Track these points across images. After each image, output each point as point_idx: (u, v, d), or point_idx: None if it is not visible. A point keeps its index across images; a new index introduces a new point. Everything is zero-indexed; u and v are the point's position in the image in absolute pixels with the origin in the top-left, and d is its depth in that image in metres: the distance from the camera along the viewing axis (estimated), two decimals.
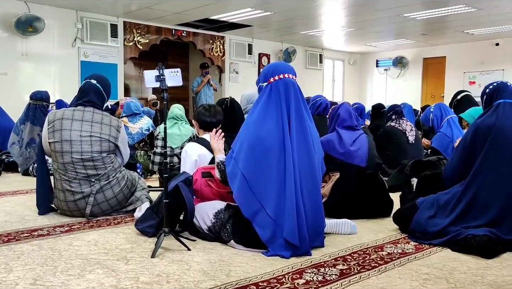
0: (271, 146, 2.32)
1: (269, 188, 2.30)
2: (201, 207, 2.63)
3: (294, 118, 2.38)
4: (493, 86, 2.77)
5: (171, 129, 4.78)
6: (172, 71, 2.47)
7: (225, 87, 9.99)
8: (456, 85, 9.59)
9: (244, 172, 2.31)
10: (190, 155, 3.09)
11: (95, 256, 2.30)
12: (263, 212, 2.30)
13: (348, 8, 7.43)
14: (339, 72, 12.79)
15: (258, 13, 7.76)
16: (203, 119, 3.19)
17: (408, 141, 4.98)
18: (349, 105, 3.51)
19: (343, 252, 2.42)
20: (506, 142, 2.54)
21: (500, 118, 2.59)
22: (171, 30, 8.99)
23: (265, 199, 2.30)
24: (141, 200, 3.22)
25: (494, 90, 2.74)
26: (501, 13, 7.64)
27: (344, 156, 3.19)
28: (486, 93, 2.79)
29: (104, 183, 3.06)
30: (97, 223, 2.97)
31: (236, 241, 2.42)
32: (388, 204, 3.24)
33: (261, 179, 2.31)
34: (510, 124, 2.58)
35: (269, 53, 10.69)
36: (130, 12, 7.85)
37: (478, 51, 10.51)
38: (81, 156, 3.01)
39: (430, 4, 7.15)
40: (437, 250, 2.46)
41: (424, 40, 10.61)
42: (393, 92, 12.10)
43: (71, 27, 7.74)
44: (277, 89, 2.41)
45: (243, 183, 2.32)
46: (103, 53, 8.10)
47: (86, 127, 3.04)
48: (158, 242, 2.32)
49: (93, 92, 3.13)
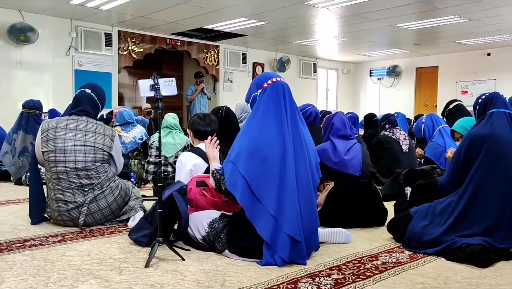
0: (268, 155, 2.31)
1: (270, 190, 2.30)
2: (196, 216, 2.62)
3: (290, 122, 2.40)
4: (485, 96, 2.80)
5: (165, 138, 4.77)
6: (167, 81, 2.48)
7: (219, 96, 10.00)
8: (449, 95, 9.68)
9: (245, 175, 2.30)
10: (185, 164, 3.08)
11: (88, 266, 2.28)
12: (265, 212, 2.28)
13: (341, 18, 7.50)
14: (333, 81, 12.86)
15: (252, 22, 7.81)
16: (198, 128, 3.19)
17: (402, 150, 5.00)
18: (343, 114, 3.53)
19: (338, 261, 2.41)
20: (500, 151, 2.56)
21: (494, 128, 2.61)
22: (165, 39, 9.02)
23: (266, 199, 2.29)
24: (135, 209, 3.20)
25: (487, 100, 2.76)
26: (492, 23, 7.74)
27: (338, 165, 3.19)
28: (479, 103, 2.81)
29: (97, 192, 3.05)
30: (91, 233, 2.95)
31: (230, 250, 2.41)
32: (382, 213, 3.25)
33: (261, 181, 2.30)
34: (504, 133, 2.60)
35: (263, 62, 10.73)
36: (125, 21, 7.86)
37: (470, 61, 10.63)
38: (74, 165, 2.99)
39: (422, 15, 7.24)
40: (432, 259, 2.46)
41: (417, 50, 10.72)
42: (387, 101, 12.17)
43: (65, 36, 7.73)
44: (274, 91, 2.43)
45: (245, 186, 2.30)
46: (97, 62, 8.10)
47: (80, 137, 3.03)
48: (152, 251, 2.31)
49: (87, 101, 3.12)
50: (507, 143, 2.57)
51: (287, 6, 6.70)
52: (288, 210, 2.29)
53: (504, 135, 2.59)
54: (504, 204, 2.50)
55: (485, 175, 2.55)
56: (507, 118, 2.66)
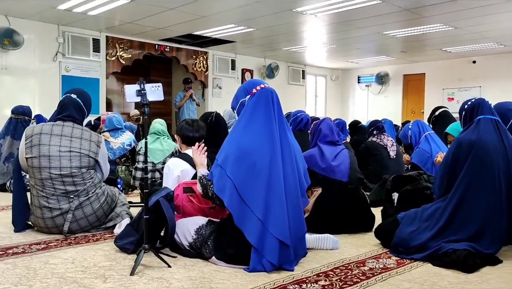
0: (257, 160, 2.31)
1: (257, 193, 2.29)
2: (182, 222, 2.59)
3: (278, 127, 2.41)
4: (471, 103, 2.81)
5: (153, 144, 4.74)
6: (153, 86, 2.46)
7: (208, 102, 9.99)
8: (436, 101, 9.79)
9: (233, 179, 2.29)
10: (172, 171, 3.06)
11: (72, 274, 2.24)
12: (253, 217, 2.27)
13: (329, 25, 7.55)
14: (321, 88, 12.93)
15: (241, 29, 7.83)
16: (186, 134, 3.18)
17: (389, 156, 5.03)
18: (330, 120, 3.54)
19: (325, 267, 2.41)
20: (487, 158, 2.57)
21: (482, 134, 2.63)
22: (154, 45, 8.99)
23: (254, 203, 2.28)
24: (121, 216, 3.16)
25: (474, 106, 2.78)
26: (477, 32, 7.87)
27: (326, 171, 3.20)
28: (465, 109, 2.82)
29: (83, 199, 3.01)
30: (75, 240, 2.91)
31: (217, 257, 2.39)
32: (369, 218, 3.26)
33: (249, 184, 2.29)
34: (491, 140, 2.62)
35: (252, 69, 10.75)
36: (113, 27, 7.83)
37: (456, 69, 10.77)
38: (59, 172, 2.95)
39: (409, 23, 7.32)
40: (418, 265, 2.47)
41: (404, 57, 10.84)
42: (375, 108, 12.27)
43: (52, 41, 7.66)
44: (262, 97, 2.44)
45: (233, 191, 2.29)
46: (85, 67, 8.04)
47: (65, 143, 2.99)
48: (137, 259, 2.28)
49: (73, 106, 3.08)
50: (494, 150, 2.59)
51: (276, 13, 6.73)
52: (276, 214, 2.29)
53: (491, 142, 2.61)
54: (490, 210, 2.52)
55: (472, 181, 2.56)
56: (493, 125, 2.69)
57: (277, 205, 2.30)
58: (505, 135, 2.68)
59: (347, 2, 6.14)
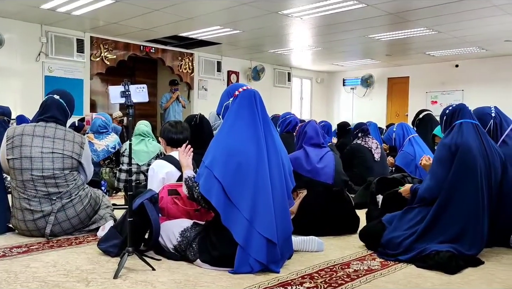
0: (243, 160, 2.31)
1: (244, 193, 2.29)
2: (167, 225, 2.57)
3: (263, 127, 2.41)
4: (453, 108, 2.86)
5: (138, 146, 4.70)
6: (138, 87, 2.44)
7: (194, 104, 9.95)
8: (419, 104, 9.90)
9: (220, 179, 2.28)
10: (157, 173, 3.03)
11: (53, 278, 2.20)
12: (240, 217, 2.27)
13: (314, 28, 7.59)
14: (307, 90, 12.99)
15: (227, 31, 7.82)
16: (170, 136, 3.16)
17: (374, 159, 5.07)
18: (316, 123, 3.56)
19: (310, 269, 2.41)
20: (471, 162, 2.61)
21: (465, 138, 2.66)
22: (139, 46, 8.92)
23: (241, 203, 2.28)
24: (105, 218, 3.12)
25: (455, 111, 2.82)
26: (459, 36, 7.99)
27: (311, 173, 3.21)
28: (446, 114, 2.86)
29: (66, 201, 2.96)
30: (58, 243, 2.86)
31: (202, 260, 2.37)
32: (354, 220, 3.28)
33: (236, 185, 2.29)
34: (474, 144, 2.66)
35: (238, 71, 10.75)
36: (97, 27, 7.74)
37: (439, 72, 10.92)
38: (41, 173, 2.90)
39: (393, 26, 7.40)
40: (402, 267, 2.49)
41: (389, 61, 10.95)
42: (360, 110, 12.37)
43: (35, 41, 7.54)
44: (245, 98, 2.45)
45: (220, 191, 2.28)
46: (68, 68, 7.93)
47: (48, 144, 2.94)
48: (121, 262, 2.25)
49: (55, 107, 3.04)
50: (477, 154, 2.63)
51: (262, 15, 6.74)
52: (263, 213, 2.29)
53: (475, 146, 2.65)
54: (471, 213, 2.56)
55: (457, 184, 2.59)
56: (474, 129, 2.73)
57: (264, 204, 2.31)
58: (485, 139, 2.73)
59: (333, 5, 6.19)
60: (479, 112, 3.05)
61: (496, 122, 3.02)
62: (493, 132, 2.99)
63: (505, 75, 9.93)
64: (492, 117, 3.04)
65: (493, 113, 3.06)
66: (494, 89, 9.96)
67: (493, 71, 10.09)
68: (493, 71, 10.08)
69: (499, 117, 3.04)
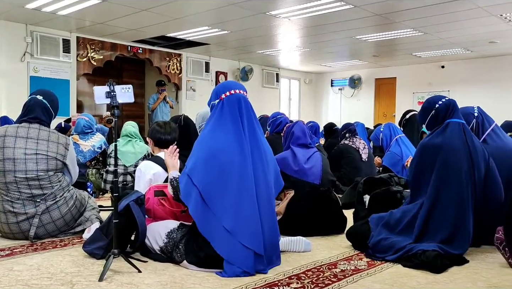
0: (226, 161, 2.30)
1: (226, 201, 2.26)
2: (153, 226, 2.55)
3: (248, 132, 2.39)
4: (444, 102, 2.80)
5: (125, 147, 4.67)
6: (124, 88, 2.42)
7: (182, 104, 9.90)
8: (406, 105, 10.00)
9: (199, 187, 2.26)
10: (144, 174, 3.01)
11: (37, 281, 2.17)
12: (220, 226, 2.25)
13: (302, 29, 7.62)
14: (295, 91, 13.02)
15: (215, 31, 7.80)
16: (158, 137, 3.14)
17: (361, 159, 5.10)
18: (303, 123, 3.56)
19: (297, 270, 2.41)
20: (453, 161, 2.62)
21: (447, 138, 2.67)
22: (126, 47, 8.86)
23: (221, 212, 2.25)
24: (90, 220, 3.09)
25: (448, 107, 2.77)
26: (444, 37, 8.08)
27: (298, 174, 3.21)
28: (436, 108, 2.80)
29: (50, 203, 2.92)
30: (42, 246, 2.82)
31: (189, 261, 2.35)
32: (341, 220, 3.28)
33: (216, 192, 2.27)
34: (455, 142, 2.67)
35: (226, 72, 10.73)
36: (84, 27, 7.67)
37: (426, 73, 11.03)
38: (25, 175, 2.86)
39: (380, 28, 7.46)
40: (389, 266, 2.50)
41: (376, 62, 11.03)
42: (348, 111, 12.44)
43: (20, 41, 7.44)
44: (229, 103, 2.41)
45: (198, 198, 2.27)
46: (54, 68, 7.84)
47: (32, 145, 2.90)
48: (106, 264, 2.22)
49: (39, 108, 2.99)
50: (458, 152, 2.64)
51: (250, 16, 6.74)
52: (247, 222, 2.26)
53: (456, 145, 2.66)
54: (458, 213, 2.58)
55: (441, 185, 2.61)
56: (460, 128, 2.75)
57: (248, 213, 2.27)
58: (470, 137, 2.74)
59: (320, 6, 6.21)
60: (463, 112, 3.07)
61: (478, 122, 3.06)
62: (475, 132, 3.02)
63: (490, 76, 10.07)
64: (475, 117, 3.08)
65: (476, 113, 3.10)
66: (480, 89, 10.10)
67: (478, 72, 10.23)
68: (478, 72, 10.22)
69: (481, 117, 3.08)
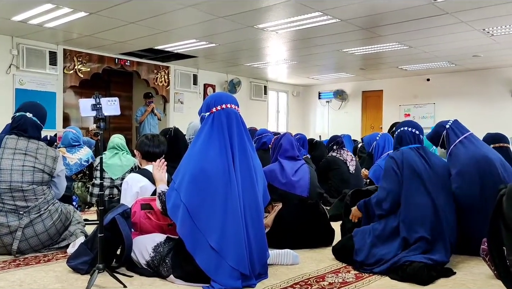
0: (214, 177, 2.28)
1: (213, 219, 2.25)
2: (140, 240, 2.52)
3: (237, 149, 2.37)
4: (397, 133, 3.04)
5: (112, 160, 4.62)
6: (110, 100, 2.40)
7: (170, 117, 9.87)
8: (393, 117, 10.11)
9: (186, 203, 2.25)
10: (131, 186, 2.98)
11: None
12: (206, 244, 2.23)
13: (290, 42, 7.68)
14: (283, 103, 13.09)
15: (202, 44, 7.83)
16: (146, 150, 3.10)
17: (349, 171, 5.12)
18: (291, 135, 3.57)
19: (285, 283, 2.39)
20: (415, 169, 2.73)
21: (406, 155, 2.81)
22: (114, 59, 8.83)
23: (208, 230, 2.24)
24: (75, 234, 3.04)
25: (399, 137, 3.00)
26: (429, 51, 8.22)
27: (286, 186, 3.21)
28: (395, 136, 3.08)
29: (34, 216, 2.87)
30: (25, 261, 2.76)
31: (175, 275, 2.33)
32: (329, 233, 3.28)
33: (203, 210, 2.26)
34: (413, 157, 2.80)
35: (214, 84, 10.75)
36: (71, 39, 7.63)
37: (412, 86, 11.19)
38: (9, 186, 2.81)
39: (366, 41, 7.56)
40: (376, 279, 2.50)
41: (363, 74, 11.16)
42: (335, 123, 12.52)
43: (5, 53, 7.38)
44: (220, 119, 2.39)
45: (185, 214, 2.25)
46: (41, 81, 7.77)
47: (19, 157, 2.87)
48: (91, 279, 2.19)
49: (30, 127, 2.97)
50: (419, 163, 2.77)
51: (238, 29, 6.78)
52: (234, 243, 2.24)
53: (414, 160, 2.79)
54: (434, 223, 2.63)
55: (408, 197, 2.69)
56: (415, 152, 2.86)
57: (234, 231, 2.25)
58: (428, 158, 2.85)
59: (307, 20, 6.28)
60: (437, 124, 3.30)
61: (448, 133, 3.18)
62: (441, 143, 3.22)
63: (474, 89, 10.25)
64: (445, 129, 3.20)
65: (447, 125, 3.21)
66: (464, 102, 10.27)
67: (462, 84, 10.40)
68: (463, 85, 10.39)
69: (451, 129, 3.18)
